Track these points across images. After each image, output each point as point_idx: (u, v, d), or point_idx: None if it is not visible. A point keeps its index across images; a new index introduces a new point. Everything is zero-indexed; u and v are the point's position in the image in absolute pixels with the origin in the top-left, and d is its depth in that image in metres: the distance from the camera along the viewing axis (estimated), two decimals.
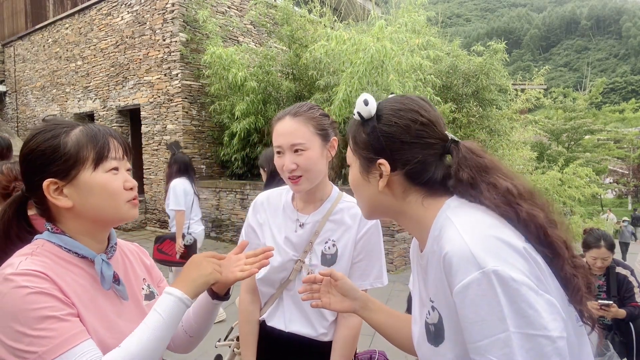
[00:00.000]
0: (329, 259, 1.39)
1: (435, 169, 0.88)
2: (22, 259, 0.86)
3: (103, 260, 0.96)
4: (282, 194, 1.51)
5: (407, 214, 0.91)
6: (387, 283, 1.42)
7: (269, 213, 1.49)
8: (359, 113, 0.91)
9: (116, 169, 0.96)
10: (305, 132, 1.33)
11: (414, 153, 0.87)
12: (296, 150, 1.31)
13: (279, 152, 1.35)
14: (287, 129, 1.33)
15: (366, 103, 0.90)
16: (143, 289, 1.10)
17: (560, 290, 0.78)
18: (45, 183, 0.90)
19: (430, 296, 0.86)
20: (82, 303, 0.89)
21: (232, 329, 1.68)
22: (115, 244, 1.06)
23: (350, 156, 0.95)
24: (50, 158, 0.91)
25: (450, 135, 0.90)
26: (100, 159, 0.93)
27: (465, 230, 0.78)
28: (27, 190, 0.96)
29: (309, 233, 1.41)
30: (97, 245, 0.99)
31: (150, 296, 1.10)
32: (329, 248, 1.39)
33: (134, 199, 0.99)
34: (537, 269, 0.75)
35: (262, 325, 1.47)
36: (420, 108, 0.89)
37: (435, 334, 0.84)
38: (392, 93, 1.34)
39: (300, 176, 1.32)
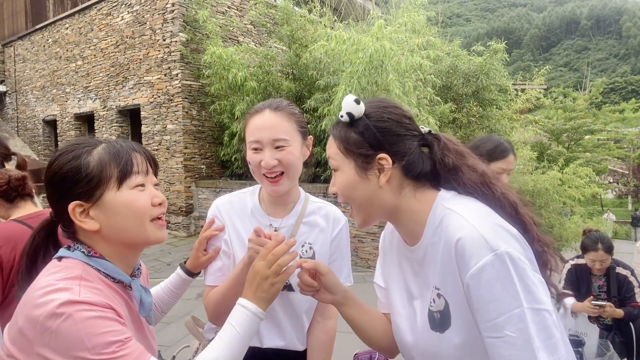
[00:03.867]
0: None
1: (424, 160, 0.94)
2: (77, 286, 0.80)
3: (141, 286, 0.94)
4: (246, 197, 1.37)
5: (402, 209, 0.94)
6: (353, 282, 1.40)
7: (235, 218, 1.33)
8: (349, 114, 0.92)
9: (142, 185, 0.92)
10: (287, 127, 1.23)
11: (408, 145, 0.92)
12: (278, 147, 1.21)
13: (255, 149, 1.22)
14: (269, 123, 1.21)
15: (358, 102, 0.92)
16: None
17: None
18: (71, 206, 0.87)
19: (434, 284, 0.88)
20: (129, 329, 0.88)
21: (174, 357, 1.49)
22: (141, 265, 1.03)
23: (339, 159, 0.94)
24: (73, 180, 0.87)
25: (425, 129, 0.97)
26: (124, 176, 0.89)
27: (472, 217, 0.83)
28: (55, 214, 0.93)
29: None
30: (127, 270, 0.95)
31: (149, 320, 1.07)
32: (305, 252, 1.31)
33: (159, 218, 0.94)
34: (529, 251, 0.82)
35: None
36: (399, 105, 0.97)
37: (440, 320, 0.87)
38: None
39: (282, 173, 1.21)
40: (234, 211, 1.34)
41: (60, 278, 0.81)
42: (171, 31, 8.43)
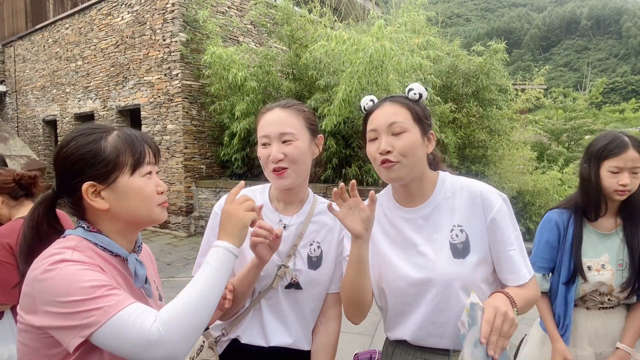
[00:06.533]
0: (314, 262, 1.32)
1: None
2: (70, 251, 0.90)
3: (136, 259, 1.04)
4: (256, 194, 1.39)
5: (425, 174, 1.26)
6: None
7: None
8: (420, 94, 1.22)
9: (150, 173, 1.03)
10: (295, 123, 1.28)
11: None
12: (285, 141, 1.25)
13: (264, 144, 1.28)
14: (277, 119, 1.27)
15: (426, 88, 1.21)
16: (157, 289, 1.17)
17: None
18: (85, 186, 0.95)
19: (454, 224, 1.20)
20: None
21: None
22: (142, 243, 1.13)
23: (410, 124, 1.19)
24: (90, 162, 0.96)
25: None
26: (137, 164, 1.00)
27: (476, 181, 1.26)
28: (62, 191, 1.00)
29: (293, 235, 1.33)
30: (127, 245, 1.05)
31: (159, 298, 1.15)
32: (314, 250, 1.33)
33: (164, 203, 1.06)
34: None
35: (236, 343, 1.32)
36: None
37: (462, 249, 1.19)
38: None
39: (286, 168, 1.25)
40: None
41: (57, 247, 0.92)
42: (171, 31, 8.43)
